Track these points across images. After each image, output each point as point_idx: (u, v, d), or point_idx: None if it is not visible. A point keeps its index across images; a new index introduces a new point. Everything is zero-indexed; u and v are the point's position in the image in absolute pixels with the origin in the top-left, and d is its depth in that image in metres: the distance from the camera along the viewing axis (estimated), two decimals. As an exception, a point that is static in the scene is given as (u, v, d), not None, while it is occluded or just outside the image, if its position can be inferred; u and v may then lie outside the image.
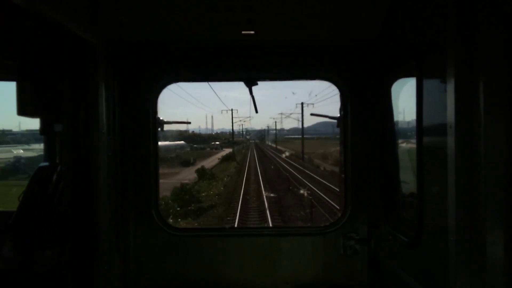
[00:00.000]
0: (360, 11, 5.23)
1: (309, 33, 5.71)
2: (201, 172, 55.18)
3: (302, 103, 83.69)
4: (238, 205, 33.10)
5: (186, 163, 75.35)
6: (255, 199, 37.36)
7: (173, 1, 5.09)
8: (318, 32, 5.70)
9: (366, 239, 5.89)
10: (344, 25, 5.50)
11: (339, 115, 6.28)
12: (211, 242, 6.06)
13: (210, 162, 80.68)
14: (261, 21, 5.36)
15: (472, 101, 3.23)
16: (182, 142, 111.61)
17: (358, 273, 5.93)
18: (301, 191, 37.62)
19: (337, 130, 6.44)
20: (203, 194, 40.56)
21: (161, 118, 6.17)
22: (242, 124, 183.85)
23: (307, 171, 55.11)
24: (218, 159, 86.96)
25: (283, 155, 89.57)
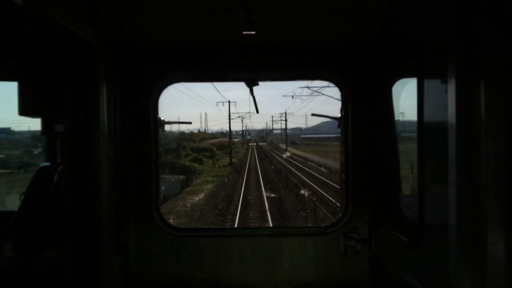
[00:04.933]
0: (360, 11, 5.23)
1: (310, 33, 5.70)
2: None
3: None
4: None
5: None
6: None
7: (173, 2, 5.09)
8: (319, 32, 5.69)
9: (367, 239, 5.88)
10: (345, 25, 5.50)
11: (339, 115, 6.29)
12: (212, 242, 6.05)
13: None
14: (261, 21, 5.35)
15: (473, 101, 3.23)
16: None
17: (359, 273, 5.93)
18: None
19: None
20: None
21: (161, 118, 6.18)
22: (242, 120, 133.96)
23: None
24: None
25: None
